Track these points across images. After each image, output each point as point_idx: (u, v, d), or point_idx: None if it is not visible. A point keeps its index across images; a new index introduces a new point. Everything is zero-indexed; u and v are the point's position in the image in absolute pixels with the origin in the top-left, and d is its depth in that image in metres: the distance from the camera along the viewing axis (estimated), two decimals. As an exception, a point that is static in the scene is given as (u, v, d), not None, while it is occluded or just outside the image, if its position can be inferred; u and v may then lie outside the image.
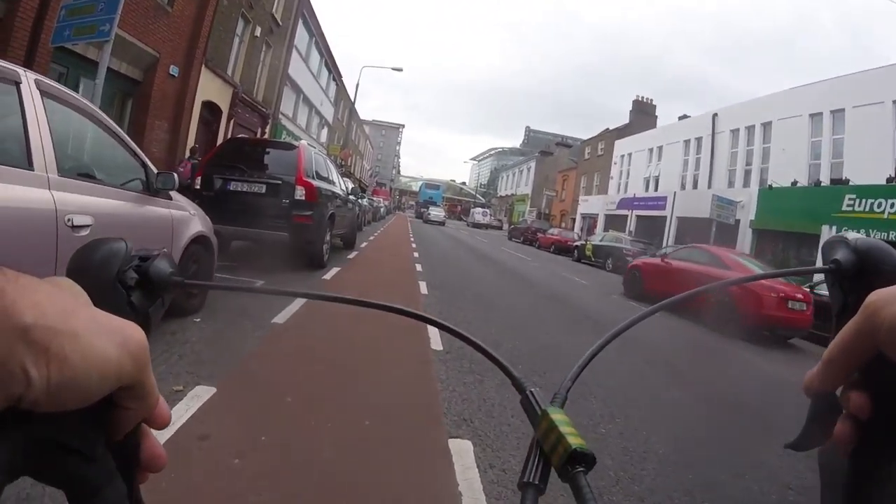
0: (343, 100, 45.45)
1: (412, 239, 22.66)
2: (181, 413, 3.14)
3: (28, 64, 10.41)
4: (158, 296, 0.44)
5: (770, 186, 23.80)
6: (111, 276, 0.41)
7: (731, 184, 27.26)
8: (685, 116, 35.70)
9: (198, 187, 8.62)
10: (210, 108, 18.97)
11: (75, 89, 12.08)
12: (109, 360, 0.33)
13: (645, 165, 36.23)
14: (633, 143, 38.75)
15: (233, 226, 8.18)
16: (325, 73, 38.27)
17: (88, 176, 3.87)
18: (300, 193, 8.43)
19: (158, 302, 0.44)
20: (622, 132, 42.25)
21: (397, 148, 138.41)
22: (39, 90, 3.26)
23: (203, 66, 17.45)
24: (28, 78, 3.20)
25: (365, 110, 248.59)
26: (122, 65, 14.09)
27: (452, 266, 14.06)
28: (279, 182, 8.46)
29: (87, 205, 3.57)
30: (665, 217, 31.21)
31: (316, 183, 8.84)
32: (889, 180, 18.93)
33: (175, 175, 4.75)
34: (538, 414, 0.42)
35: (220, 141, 19.16)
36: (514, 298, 10.22)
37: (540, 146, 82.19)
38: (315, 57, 34.36)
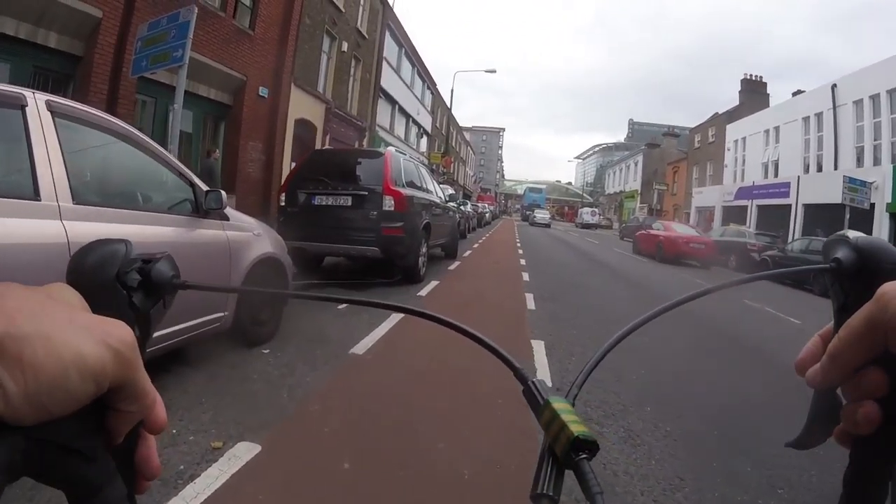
0: (440, 107, 45.24)
1: (518, 244, 21.58)
2: (210, 482, 2.49)
3: (112, 97, 10.60)
4: (160, 298, 0.44)
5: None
6: (110, 278, 0.41)
7: (859, 162, 24.11)
8: (800, 92, 31.90)
9: (282, 204, 8.35)
10: (304, 125, 18.91)
11: (164, 117, 12.24)
12: (88, 359, 0.32)
13: (762, 149, 33.09)
14: (746, 125, 35.62)
15: (319, 242, 7.86)
16: (418, 82, 38.14)
17: (118, 202, 3.42)
18: (389, 203, 7.78)
19: (160, 304, 0.44)
20: (733, 115, 39.09)
21: (499, 152, 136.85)
22: (51, 112, 2.92)
23: (292, 84, 17.48)
24: (37, 100, 2.88)
25: (464, 118, 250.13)
26: (210, 90, 14.41)
27: (562, 273, 12.90)
28: (366, 193, 7.87)
29: (110, 234, 2.94)
30: (790, 205, 28.13)
31: (406, 191, 8.20)
32: None
33: (223, 193, 4.16)
34: (541, 404, 0.42)
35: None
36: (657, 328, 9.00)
37: (645, 139, 79.15)
38: (406, 67, 34.23)
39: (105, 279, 0.40)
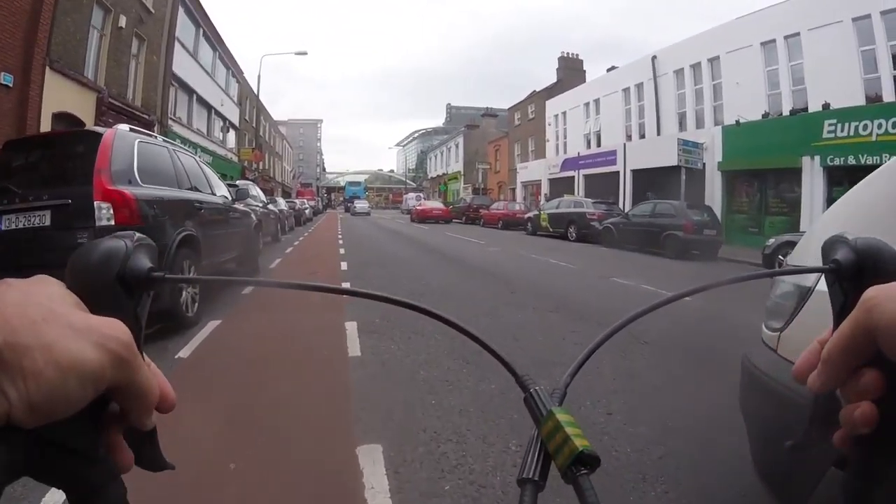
0: (248, 98, 41.11)
1: (340, 239, 19.29)
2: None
3: None
4: (139, 293, 0.41)
5: (737, 122, 21.51)
6: (111, 277, 0.39)
7: (682, 127, 25.51)
8: (613, 68, 33.48)
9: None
10: (68, 121, 15.10)
11: None
12: (87, 364, 0.32)
13: (583, 122, 33.81)
14: (566, 100, 36.31)
15: None
16: (221, 69, 34.17)
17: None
18: (105, 214, 4.95)
19: (145, 299, 0.42)
20: (552, 91, 39.74)
21: (318, 144, 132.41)
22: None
23: (47, 68, 13.69)
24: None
25: (281, 112, 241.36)
26: None
27: (398, 270, 10.99)
28: (68, 202, 5.00)
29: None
30: (617, 172, 28.77)
31: (140, 192, 5.37)
32: (871, 100, 17.35)
33: None
34: (543, 414, 0.42)
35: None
36: (507, 312, 6.99)
37: (464, 122, 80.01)
38: (206, 51, 30.35)
39: (105, 279, 0.39)
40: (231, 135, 37.93)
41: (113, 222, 4.94)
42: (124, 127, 6.08)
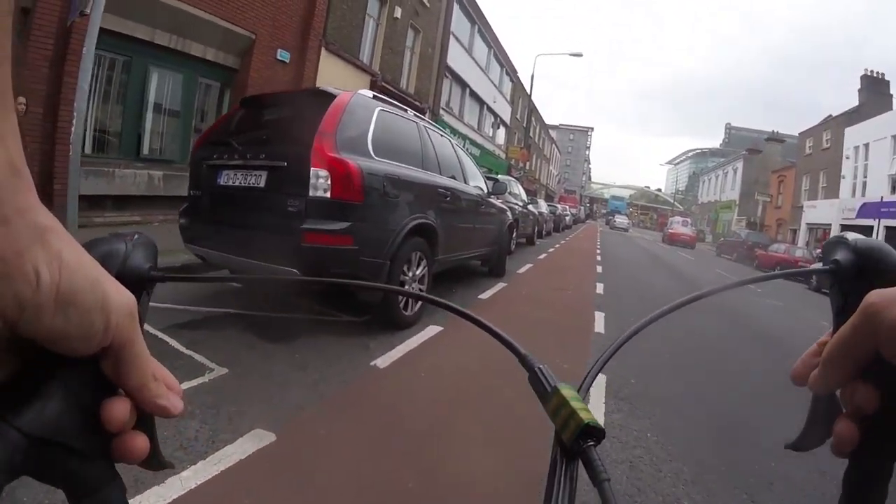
0: (521, 98, 41.49)
1: (599, 255, 17.50)
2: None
3: (62, 57, 8.19)
4: (139, 292, 0.42)
5: None
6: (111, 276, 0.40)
7: None
8: None
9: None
10: (338, 100, 15.91)
11: (144, 79, 10.08)
12: (108, 295, 0.34)
13: (888, 158, 27.29)
14: (869, 129, 29.38)
15: (220, 251, 4.66)
16: (495, 66, 34.69)
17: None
18: (321, 183, 4.15)
19: (144, 298, 0.43)
20: (852, 118, 32.56)
21: (587, 153, 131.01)
22: None
23: (323, 49, 14.49)
24: None
25: (548, 116, 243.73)
26: (207, 50, 11.59)
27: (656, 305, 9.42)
28: (283, 164, 4.37)
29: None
30: None
31: (363, 162, 4.45)
32: None
33: None
34: (548, 391, 0.42)
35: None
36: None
37: (743, 145, 73.93)
38: (480, 48, 30.83)
39: None
40: (501, 132, 38.52)
41: (328, 195, 4.16)
42: (366, 92, 5.29)
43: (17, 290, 0.29)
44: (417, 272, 5.24)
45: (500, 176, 15.24)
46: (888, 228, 26.08)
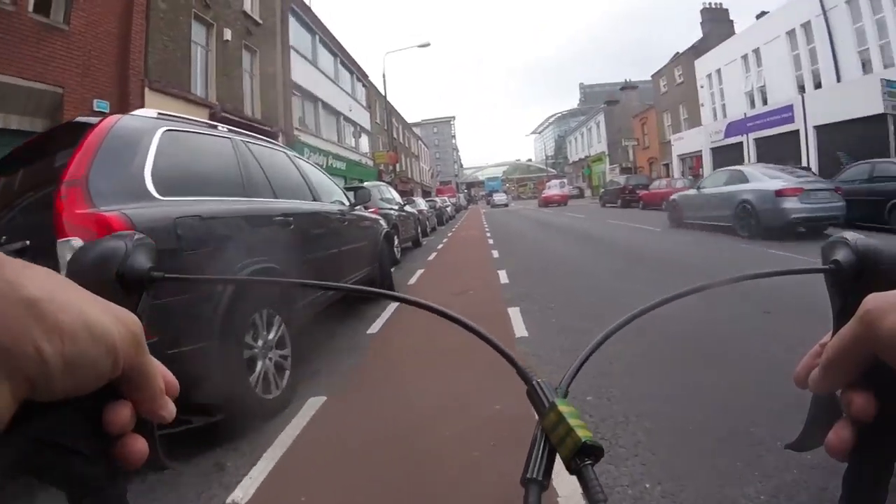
0: (377, 101, 40.29)
1: (490, 239, 16.77)
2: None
3: None
4: (140, 292, 0.43)
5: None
6: (111, 277, 0.41)
7: (866, 68, 20.78)
8: (764, 13, 28.62)
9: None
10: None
11: None
12: (112, 334, 0.33)
13: (742, 78, 28.98)
14: (718, 56, 31.36)
15: None
16: (345, 74, 33.53)
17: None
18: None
19: (145, 298, 0.43)
20: (699, 49, 34.81)
21: (453, 141, 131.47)
22: None
23: (147, 88, 12.83)
24: None
25: (412, 115, 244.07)
26: (8, 119, 9.89)
27: (584, 285, 7.54)
28: (25, 245, 2.92)
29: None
30: (797, 131, 24.07)
31: (135, 210, 3.00)
32: None
33: None
34: (545, 406, 0.42)
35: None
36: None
37: (600, 100, 76.35)
38: (325, 58, 29.58)
39: (105, 278, 0.40)
40: (364, 139, 37.32)
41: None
42: (145, 112, 3.76)
43: (24, 371, 0.29)
44: (271, 337, 3.81)
45: (364, 183, 13.96)
46: (758, 140, 27.39)
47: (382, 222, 7.88)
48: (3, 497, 0.31)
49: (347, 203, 6.44)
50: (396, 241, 11.71)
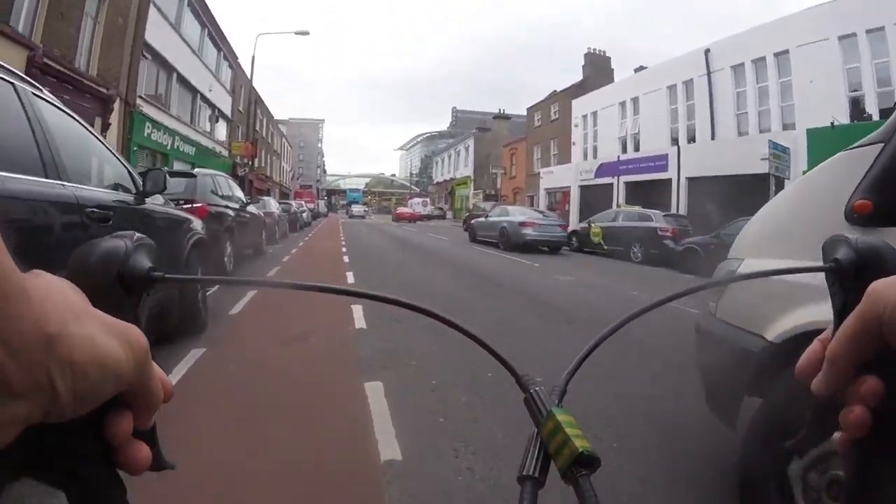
0: (244, 88, 37.22)
1: (346, 255, 14.82)
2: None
3: None
4: (139, 293, 0.41)
5: (832, 125, 17.54)
6: (111, 277, 0.40)
7: (741, 130, 22.21)
8: (642, 68, 30.45)
9: None
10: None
11: None
12: (119, 362, 0.33)
13: (617, 123, 29.84)
14: (596, 99, 32.18)
15: None
16: (211, 51, 30.31)
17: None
18: None
19: (145, 299, 0.42)
20: (578, 91, 35.76)
21: (320, 146, 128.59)
22: None
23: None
24: None
25: (280, 112, 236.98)
26: None
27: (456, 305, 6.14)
28: None
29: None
30: (669, 180, 24.64)
31: None
32: None
33: None
34: (543, 414, 0.42)
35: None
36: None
37: (470, 127, 78.00)
38: (192, 24, 26.43)
39: (105, 278, 0.39)
40: (222, 126, 34.14)
41: None
42: None
43: (38, 404, 0.30)
44: None
45: (195, 170, 10.88)
46: (629, 184, 27.94)
47: (196, 224, 5.78)
48: (9, 499, 0.30)
49: (135, 189, 4.39)
50: (229, 250, 9.64)
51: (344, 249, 16.22)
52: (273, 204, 20.22)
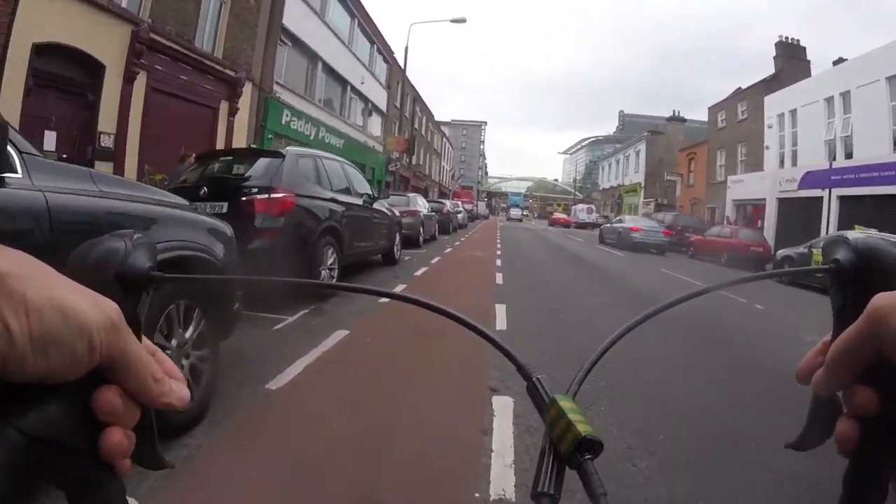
0: (399, 83, 35.65)
1: (499, 259, 13.09)
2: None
3: None
4: (139, 292, 0.42)
5: None
6: (110, 276, 0.40)
7: None
8: (841, 60, 24.61)
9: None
10: (64, 58, 9.82)
11: None
12: (84, 314, 0.32)
13: (823, 124, 23.88)
14: (794, 95, 26.20)
15: None
16: (363, 42, 29.09)
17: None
18: None
19: (144, 298, 0.43)
20: (771, 86, 29.70)
21: (482, 147, 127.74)
22: None
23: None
24: None
25: (441, 115, 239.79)
26: None
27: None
28: None
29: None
30: None
31: None
32: None
33: None
34: (546, 402, 0.43)
35: (101, 124, 10.52)
36: None
37: (637, 131, 73.74)
38: (340, 14, 25.20)
39: (104, 278, 0.40)
40: (376, 121, 32.97)
41: None
42: None
43: None
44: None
45: (287, 148, 8.56)
46: (843, 199, 22.23)
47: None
48: (7, 498, 0.30)
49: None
50: (332, 257, 7.40)
51: (499, 262, 13.49)
52: (420, 201, 17.98)
